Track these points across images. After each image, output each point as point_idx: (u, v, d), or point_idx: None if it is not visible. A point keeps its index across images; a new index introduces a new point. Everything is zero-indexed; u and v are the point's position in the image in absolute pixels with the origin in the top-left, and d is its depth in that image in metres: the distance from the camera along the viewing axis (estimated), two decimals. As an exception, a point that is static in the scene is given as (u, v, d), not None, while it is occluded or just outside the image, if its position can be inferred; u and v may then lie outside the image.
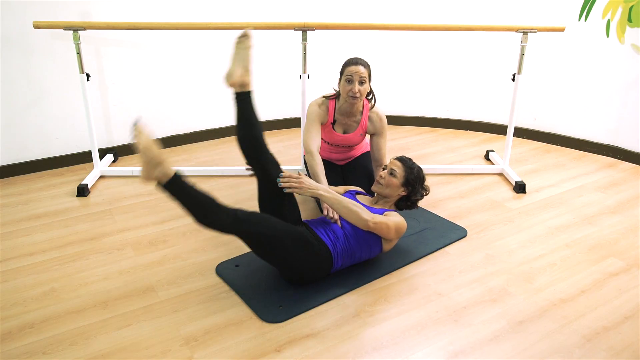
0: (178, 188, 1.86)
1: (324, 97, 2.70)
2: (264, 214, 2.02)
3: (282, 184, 2.08)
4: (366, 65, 2.53)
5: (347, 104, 2.60)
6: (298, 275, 2.09)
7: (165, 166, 1.84)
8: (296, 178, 2.09)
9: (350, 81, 2.50)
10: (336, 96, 2.67)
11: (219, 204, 1.91)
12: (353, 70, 2.49)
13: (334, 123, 2.69)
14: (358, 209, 2.08)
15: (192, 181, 1.91)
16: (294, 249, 1.98)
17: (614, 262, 2.36)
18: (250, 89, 2.17)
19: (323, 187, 2.12)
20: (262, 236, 1.93)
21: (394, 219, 2.15)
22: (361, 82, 2.50)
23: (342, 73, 2.56)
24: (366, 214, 2.07)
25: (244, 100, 2.16)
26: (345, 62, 2.56)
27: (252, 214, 1.96)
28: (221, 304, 2.02)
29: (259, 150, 2.13)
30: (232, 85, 2.15)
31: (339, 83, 2.59)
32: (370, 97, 2.67)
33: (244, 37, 2.21)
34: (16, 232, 2.58)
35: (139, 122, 1.73)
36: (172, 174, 1.85)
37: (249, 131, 2.12)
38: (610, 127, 3.68)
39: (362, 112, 2.68)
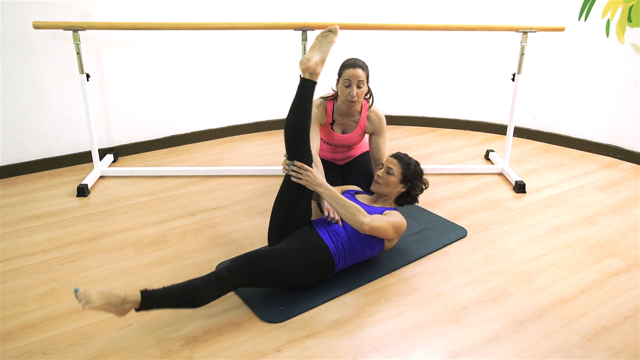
0: (155, 301, 1.77)
1: (322, 97, 2.70)
2: (242, 255, 1.98)
3: (292, 171, 2.12)
4: (364, 67, 2.52)
5: (345, 106, 2.60)
6: (302, 286, 2.09)
7: (128, 297, 1.72)
8: (306, 170, 2.12)
9: (348, 85, 2.50)
10: (334, 97, 2.67)
11: (198, 284, 1.84)
12: (351, 74, 2.48)
13: (332, 123, 2.69)
14: (356, 210, 2.07)
15: (158, 287, 1.82)
16: (293, 269, 1.99)
17: (614, 262, 2.36)
18: (316, 80, 2.23)
19: (325, 185, 2.14)
20: (256, 276, 1.93)
21: (392, 219, 2.15)
22: (359, 86, 2.50)
23: (340, 75, 2.56)
24: (363, 217, 2.06)
25: (307, 88, 2.21)
26: (343, 64, 2.54)
27: (231, 265, 1.91)
28: (221, 304, 2.02)
29: (302, 138, 2.18)
30: (305, 69, 2.18)
31: (337, 84, 2.59)
32: (368, 96, 2.67)
33: (330, 32, 2.28)
34: (16, 232, 2.58)
35: (77, 290, 1.65)
36: (139, 297, 1.74)
37: (300, 117, 2.18)
38: (610, 127, 3.68)
39: (360, 112, 2.68)
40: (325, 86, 2.89)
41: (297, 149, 2.17)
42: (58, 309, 2.00)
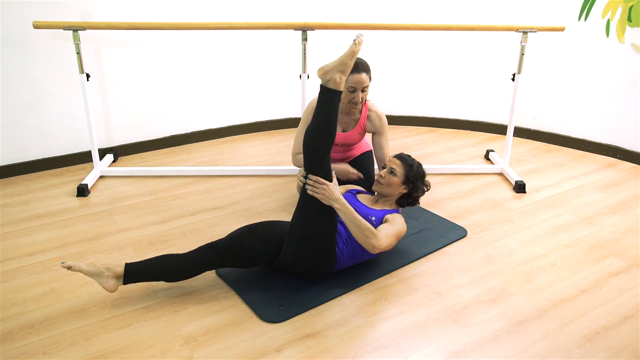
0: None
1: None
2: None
3: (308, 185, 2.02)
4: (368, 70, 2.52)
5: (346, 106, 2.60)
6: (306, 257, 2.06)
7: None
8: (321, 184, 2.00)
9: (353, 90, 2.50)
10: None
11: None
12: (356, 80, 2.47)
13: (333, 123, 2.69)
14: (369, 232, 2.03)
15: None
16: (326, 225, 2.03)
17: (614, 262, 2.36)
18: (125, 267, 1.99)
19: (341, 201, 2.03)
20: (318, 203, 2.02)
21: (396, 229, 2.15)
22: (364, 90, 2.51)
23: None
24: (375, 241, 2.03)
25: (133, 276, 2.01)
26: None
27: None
28: (221, 304, 2.02)
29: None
30: (115, 290, 1.99)
31: None
32: None
33: (71, 270, 1.94)
34: (16, 232, 2.58)
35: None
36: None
37: (170, 277, 2.08)
38: (610, 127, 3.68)
39: (360, 111, 2.68)
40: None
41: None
42: (58, 309, 2.00)
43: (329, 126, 2.01)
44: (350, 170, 2.61)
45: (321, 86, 2.02)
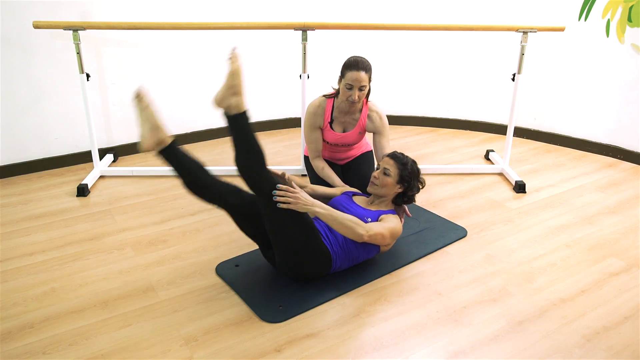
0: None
1: (324, 95, 2.70)
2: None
3: (278, 197, 1.94)
4: (368, 69, 2.49)
5: (345, 104, 2.60)
6: (297, 265, 2.07)
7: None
8: (292, 193, 1.95)
9: (350, 88, 2.49)
10: (335, 94, 2.67)
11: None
12: (354, 78, 2.46)
13: (332, 122, 2.69)
14: (353, 224, 2.02)
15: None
16: (303, 232, 2.00)
17: (614, 262, 2.36)
18: (172, 140, 2.05)
19: (318, 203, 2.02)
20: (284, 214, 1.96)
21: (389, 226, 2.13)
22: (361, 89, 2.50)
23: (342, 76, 2.52)
24: (361, 228, 2.02)
25: (171, 152, 2.04)
26: (347, 65, 2.50)
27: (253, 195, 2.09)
28: (221, 304, 2.02)
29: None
30: (149, 149, 2.02)
31: (339, 82, 2.58)
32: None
33: (137, 99, 2.03)
34: (16, 232, 2.58)
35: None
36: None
37: (191, 178, 2.06)
38: (610, 127, 3.68)
39: (361, 111, 2.68)
40: (327, 86, 2.89)
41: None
42: (58, 309, 2.00)
43: (253, 146, 1.97)
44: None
45: (224, 115, 2.00)
